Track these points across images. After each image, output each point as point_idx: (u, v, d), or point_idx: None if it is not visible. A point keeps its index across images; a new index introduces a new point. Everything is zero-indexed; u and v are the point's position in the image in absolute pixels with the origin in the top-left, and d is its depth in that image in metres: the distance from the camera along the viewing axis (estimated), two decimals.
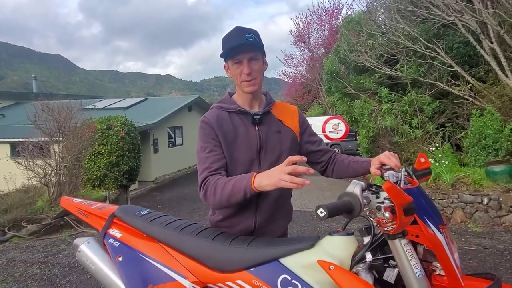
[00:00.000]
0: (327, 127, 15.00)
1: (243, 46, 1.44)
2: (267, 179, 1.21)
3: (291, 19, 30.61)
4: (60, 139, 7.06)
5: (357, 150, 10.88)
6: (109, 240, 1.54)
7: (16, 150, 7.60)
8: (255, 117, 1.53)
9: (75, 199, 1.85)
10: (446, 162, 6.12)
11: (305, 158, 1.24)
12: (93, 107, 14.10)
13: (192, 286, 1.36)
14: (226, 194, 1.32)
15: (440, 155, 6.36)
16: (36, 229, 5.79)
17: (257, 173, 1.27)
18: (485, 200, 5.44)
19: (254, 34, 1.47)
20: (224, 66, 1.56)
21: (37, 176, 6.82)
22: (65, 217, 5.93)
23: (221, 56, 1.51)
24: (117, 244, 1.52)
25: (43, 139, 7.10)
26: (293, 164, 1.17)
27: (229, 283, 1.30)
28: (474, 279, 1.18)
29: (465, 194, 5.62)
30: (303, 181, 1.14)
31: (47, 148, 7.15)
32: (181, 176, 14.49)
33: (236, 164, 1.51)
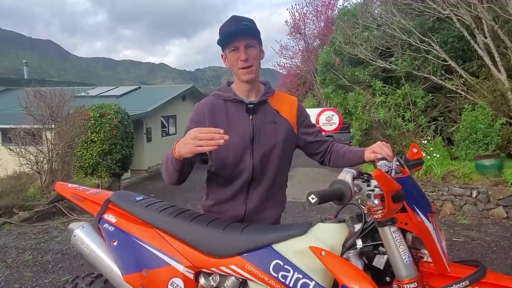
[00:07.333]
0: (321, 119, 15.01)
1: (239, 32, 1.45)
2: (184, 148, 1.25)
3: (287, 9, 30.30)
4: (53, 126, 6.99)
5: (350, 142, 10.93)
6: (104, 225, 1.56)
7: (7, 137, 7.52)
8: (249, 106, 1.54)
9: (69, 185, 1.86)
10: (438, 155, 6.20)
11: (222, 130, 1.23)
12: (86, 94, 13.90)
13: (186, 271, 1.38)
14: (163, 165, 1.42)
15: (431, 149, 6.43)
16: (28, 216, 5.76)
17: (178, 140, 1.30)
18: (474, 193, 5.53)
19: (250, 22, 1.48)
20: (222, 55, 1.57)
21: (29, 163, 6.76)
22: (57, 204, 5.92)
23: (218, 43, 1.51)
24: (112, 229, 1.53)
25: (35, 126, 7.03)
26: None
27: (222, 268, 1.33)
28: (460, 266, 1.21)
29: (455, 187, 5.70)
30: (220, 137, 1.19)
31: (39, 135, 7.08)
32: None
33: (229, 152, 1.52)
